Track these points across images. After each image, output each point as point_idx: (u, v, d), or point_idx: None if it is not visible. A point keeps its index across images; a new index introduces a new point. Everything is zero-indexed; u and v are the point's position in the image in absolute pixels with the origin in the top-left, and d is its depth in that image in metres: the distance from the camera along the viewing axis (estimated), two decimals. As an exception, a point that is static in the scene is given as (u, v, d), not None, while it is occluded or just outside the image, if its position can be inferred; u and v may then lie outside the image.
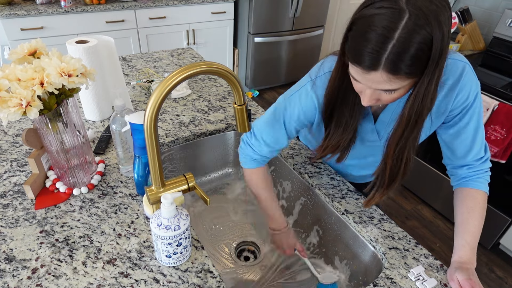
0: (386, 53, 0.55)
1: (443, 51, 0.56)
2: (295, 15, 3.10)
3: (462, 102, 0.75)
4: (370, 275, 0.87)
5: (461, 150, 0.82)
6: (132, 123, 0.77)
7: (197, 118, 1.24)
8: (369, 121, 0.82)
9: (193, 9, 2.82)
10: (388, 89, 0.61)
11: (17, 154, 1.01)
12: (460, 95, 0.74)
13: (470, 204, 0.81)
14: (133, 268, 0.73)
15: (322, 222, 1.01)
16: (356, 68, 0.60)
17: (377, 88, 0.62)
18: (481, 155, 0.82)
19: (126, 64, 1.61)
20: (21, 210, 0.83)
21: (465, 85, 0.73)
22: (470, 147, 0.80)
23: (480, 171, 0.82)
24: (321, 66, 0.81)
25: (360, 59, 0.58)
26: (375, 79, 0.59)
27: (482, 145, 0.81)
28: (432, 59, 0.56)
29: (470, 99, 0.75)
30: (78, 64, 0.73)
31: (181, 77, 0.59)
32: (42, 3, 2.41)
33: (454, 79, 0.73)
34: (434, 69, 0.58)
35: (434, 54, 0.55)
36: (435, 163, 2.11)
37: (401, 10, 0.54)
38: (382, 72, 0.57)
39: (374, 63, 0.56)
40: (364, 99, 0.66)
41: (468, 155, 0.81)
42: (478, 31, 2.20)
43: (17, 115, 0.66)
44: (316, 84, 0.81)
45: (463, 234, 0.79)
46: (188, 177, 0.73)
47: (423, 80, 0.59)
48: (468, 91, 0.74)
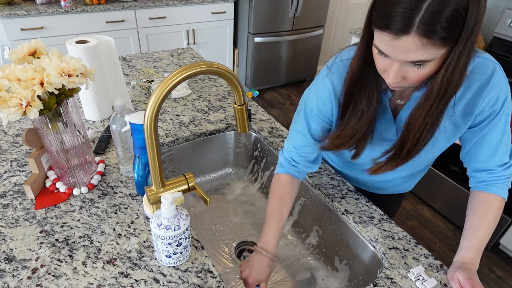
0: (420, 12, 0.50)
1: (478, 19, 0.52)
2: (295, 15, 3.10)
3: (491, 105, 0.71)
4: (370, 275, 0.87)
5: (484, 155, 0.78)
6: (132, 123, 0.77)
7: (197, 118, 1.24)
8: (387, 118, 0.78)
9: (193, 9, 2.82)
10: (419, 59, 0.55)
11: (17, 154, 1.01)
12: (488, 98, 0.70)
13: (485, 209, 0.77)
14: (133, 268, 0.73)
15: (322, 222, 1.01)
16: (384, 35, 0.55)
17: (406, 60, 0.57)
18: (505, 161, 0.77)
19: (126, 64, 1.62)
20: (21, 210, 0.83)
21: (495, 88, 0.69)
22: (494, 153, 0.76)
23: (501, 177, 0.78)
24: (338, 55, 0.78)
25: (391, 22, 0.53)
26: (406, 46, 0.54)
27: (507, 150, 0.77)
28: (466, 27, 0.52)
29: (498, 104, 0.71)
30: (78, 64, 0.73)
31: (181, 77, 0.58)
32: (42, 3, 2.41)
33: (484, 79, 0.69)
34: (468, 38, 0.53)
35: (468, 22, 0.51)
36: (435, 163, 2.11)
37: None
38: (415, 36, 0.52)
39: (407, 24, 0.52)
40: (389, 76, 0.61)
41: (491, 160, 0.77)
42: (478, 31, 2.20)
43: (17, 115, 0.66)
44: (332, 71, 0.77)
45: (470, 237, 0.76)
46: (188, 177, 0.73)
47: (456, 49, 0.55)
48: (498, 94, 0.70)
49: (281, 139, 1.17)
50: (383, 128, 0.80)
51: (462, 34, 0.53)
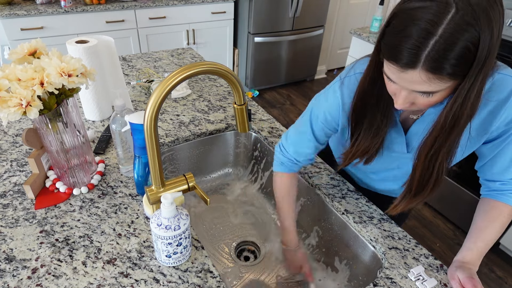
0: (427, 49, 0.50)
1: (490, 52, 0.51)
2: (295, 15, 3.10)
3: (508, 122, 0.69)
4: (370, 275, 0.87)
5: (498, 168, 0.76)
6: (132, 123, 0.77)
7: (197, 118, 1.24)
8: (397, 131, 0.77)
9: (193, 9, 2.82)
10: (426, 91, 0.56)
11: (17, 154, 1.01)
12: (506, 114, 0.68)
13: (493, 215, 0.77)
14: (133, 268, 0.73)
15: (322, 222, 1.01)
16: (392, 66, 0.56)
17: (414, 90, 0.57)
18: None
19: (126, 64, 1.62)
20: (21, 210, 0.83)
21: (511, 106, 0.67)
22: (509, 167, 0.75)
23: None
24: (352, 67, 0.78)
25: (398, 56, 0.53)
26: (412, 78, 0.54)
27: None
28: (477, 61, 0.51)
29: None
30: (78, 64, 0.73)
31: (181, 77, 0.58)
32: (42, 3, 2.41)
33: (503, 96, 0.67)
34: (479, 72, 0.52)
35: (480, 56, 0.50)
36: (435, 163, 2.11)
37: (447, 3, 0.49)
38: (421, 71, 0.52)
39: (413, 60, 0.52)
40: (397, 101, 0.61)
41: (506, 173, 0.76)
42: (478, 31, 2.20)
43: (17, 115, 0.66)
44: (344, 83, 0.77)
45: (475, 239, 0.76)
46: (188, 177, 0.73)
47: (465, 83, 0.54)
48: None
49: (281, 139, 1.17)
50: (391, 141, 0.80)
51: (472, 69, 0.52)
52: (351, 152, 0.81)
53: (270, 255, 1.06)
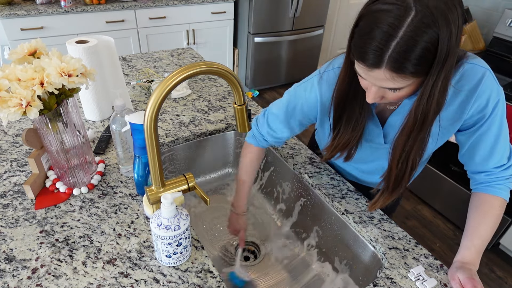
0: (389, 51, 0.54)
1: (450, 51, 0.54)
2: (295, 15, 3.10)
3: (480, 109, 0.72)
4: (370, 275, 0.87)
5: (480, 157, 0.78)
6: (132, 123, 0.77)
7: (197, 118, 1.24)
8: (374, 123, 0.81)
9: (193, 9, 2.82)
10: (392, 87, 0.60)
11: (17, 154, 1.01)
12: (478, 102, 0.71)
13: (485, 209, 0.78)
14: (133, 268, 0.73)
15: (322, 222, 1.01)
16: (361, 66, 0.60)
17: (381, 86, 0.61)
18: (503, 162, 0.78)
19: (126, 64, 1.62)
20: (21, 210, 0.83)
21: (484, 92, 0.70)
22: (490, 155, 0.77)
23: (500, 178, 0.79)
24: (331, 62, 0.81)
25: (364, 57, 0.57)
26: (378, 76, 0.58)
27: (504, 152, 0.77)
28: (437, 60, 0.55)
29: (489, 107, 0.71)
30: (78, 64, 0.73)
31: (181, 77, 0.58)
32: (42, 3, 2.41)
33: (472, 85, 0.70)
34: (440, 70, 0.56)
35: (440, 55, 0.54)
36: (435, 163, 2.11)
37: (407, 7, 0.53)
38: (385, 70, 0.56)
39: (377, 60, 0.56)
40: (368, 96, 0.66)
41: (488, 163, 0.78)
42: (478, 31, 2.20)
43: (17, 115, 0.66)
44: (322, 78, 0.81)
45: (471, 237, 0.77)
46: (188, 177, 0.73)
47: (428, 81, 0.58)
48: (487, 98, 0.70)
49: (281, 139, 1.17)
50: (370, 133, 0.83)
51: (433, 67, 0.56)
52: (332, 146, 0.85)
53: (270, 255, 1.06)
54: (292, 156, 1.09)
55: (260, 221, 1.16)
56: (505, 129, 0.75)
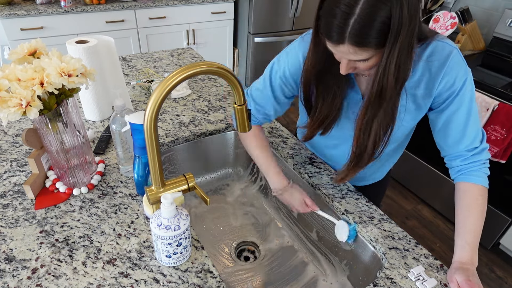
0: (348, 28, 0.59)
1: (402, 24, 0.59)
2: (295, 15, 3.10)
3: (449, 87, 0.75)
4: (370, 275, 0.87)
5: (452, 138, 0.81)
6: (132, 123, 0.77)
7: (197, 118, 1.24)
8: (355, 91, 0.83)
9: (193, 9, 2.82)
10: (358, 59, 0.65)
11: (17, 154, 1.01)
12: (446, 79, 0.74)
13: (468, 201, 0.79)
14: (133, 268, 0.73)
15: (322, 222, 1.00)
16: (328, 43, 0.65)
17: (349, 59, 0.66)
18: (475, 145, 0.80)
19: (126, 64, 1.62)
20: (21, 210, 0.83)
21: (451, 70, 0.73)
22: (462, 135, 0.79)
23: (475, 163, 0.80)
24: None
25: (329, 34, 0.63)
26: (344, 51, 0.64)
27: (476, 134, 0.79)
28: (391, 33, 0.59)
29: (457, 85, 0.74)
30: (78, 64, 0.73)
31: (181, 77, 0.58)
32: (42, 3, 2.41)
33: (441, 60, 0.73)
34: (395, 41, 0.60)
35: (392, 28, 0.59)
36: (435, 163, 2.11)
37: None
38: (348, 45, 0.62)
39: (340, 37, 0.61)
40: (341, 68, 0.70)
41: (460, 144, 0.80)
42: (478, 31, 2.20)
43: (17, 115, 0.66)
44: (304, 40, 0.83)
45: (463, 234, 0.77)
46: (188, 177, 0.73)
47: (384, 52, 0.62)
48: (455, 76, 0.74)
49: (281, 139, 1.17)
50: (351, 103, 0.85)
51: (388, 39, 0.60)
52: (312, 121, 0.87)
53: (270, 255, 1.06)
54: (292, 156, 1.09)
55: (260, 221, 1.16)
56: (474, 111, 0.78)
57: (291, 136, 1.19)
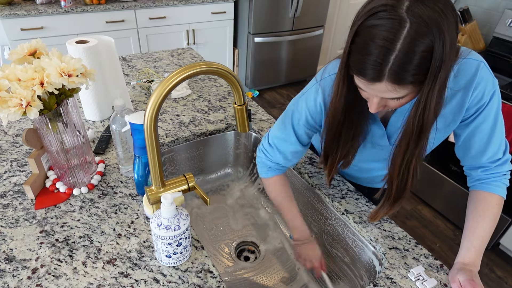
0: (389, 64, 0.55)
1: (444, 58, 0.55)
2: (295, 15, 3.10)
3: (477, 101, 0.72)
4: (370, 275, 0.87)
5: (475, 150, 0.78)
6: (132, 123, 0.77)
7: (197, 118, 1.24)
8: (378, 126, 0.80)
9: (193, 9, 2.82)
10: (394, 97, 0.61)
11: (17, 154, 1.01)
12: (475, 94, 0.72)
13: (482, 207, 0.77)
14: (133, 268, 0.73)
15: (322, 222, 1.01)
16: (361, 80, 0.61)
17: (383, 97, 0.62)
18: (498, 157, 0.78)
19: (126, 64, 1.62)
20: (21, 210, 0.83)
21: (480, 83, 0.71)
22: (485, 148, 0.77)
23: (496, 174, 0.78)
24: (325, 69, 0.81)
25: (364, 72, 0.58)
26: (380, 89, 0.59)
27: (500, 146, 0.77)
28: (432, 68, 0.55)
29: (485, 98, 0.72)
30: (78, 64, 0.73)
31: (181, 77, 0.59)
32: (42, 3, 2.41)
33: (468, 79, 0.71)
34: (435, 77, 0.57)
35: (434, 63, 0.55)
36: (435, 163, 2.11)
37: (401, 19, 0.53)
38: (386, 83, 0.57)
39: (378, 75, 0.57)
40: (371, 107, 0.66)
41: (483, 156, 0.78)
42: (478, 31, 2.20)
43: (17, 115, 0.66)
44: (321, 85, 0.80)
45: (470, 237, 0.76)
46: (188, 177, 0.73)
47: (423, 89, 0.58)
48: (483, 89, 0.71)
49: (281, 139, 1.17)
50: (374, 136, 0.83)
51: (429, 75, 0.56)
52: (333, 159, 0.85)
53: (270, 255, 1.06)
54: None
55: (260, 221, 1.16)
56: (500, 122, 0.76)
57: None
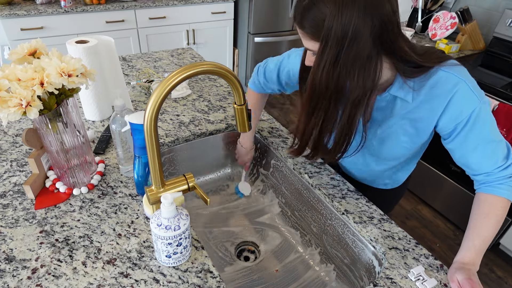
0: (299, 9, 0.67)
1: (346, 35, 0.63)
2: (295, 15, 3.10)
3: (454, 118, 0.74)
4: (370, 275, 0.87)
5: (474, 165, 0.79)
6: (132, 123, 0.77)
7: (197, 118, 1.24)
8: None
9: (193, 9, 2.82)
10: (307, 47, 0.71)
11: (17, 154, 1.01)
12: (450, 112, 0.74)
13: (486, 209, 0.77)
14: (133, 268, 0.73)
15: (322, 222, 1.01)
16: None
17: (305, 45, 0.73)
18: (500, 164, 0.77)
19: (126, 64, 1.61)
20: (21, 210, 0.83)
21: (456, 103, 0.73)
22: (482, 161, 0.78)
23: (501, 178, 0.78)
24: None
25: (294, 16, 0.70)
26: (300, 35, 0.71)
27: (499, 155, 0.77)
28: (324, 30, 0.64)
29: (464, 116, 0.73)
30: (78, 64, 0.73)
31: (181, 77, 0.58)
32: (42, 3, 2.41)
33: (443, 91, 0.73)
34: (326, 43, 0.65)
35: (327, 25, 0.63)
36: (435, 163, 2.11)
37: None
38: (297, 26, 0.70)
39: (294, 15, 0.69)
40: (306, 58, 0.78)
41: (483, 167, 0.78)
42: (478, 31, 2.20)
43: (17, 115, 0.66)
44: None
45: (472, 236, 0.76)
46: (188, 177, 0.73)
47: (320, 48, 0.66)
48: (460, 109, 0.73)
49: (281, 139, 1.17)
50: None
51: (322, 36, 0.65)
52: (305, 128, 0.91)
53: (270, 255, 1.06)
54: (292, 156, 1.09)
55: (260, 221, 1.16)
56: (492, 135, 0.75)
57: (291, 136, 1.19)
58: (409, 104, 0.78)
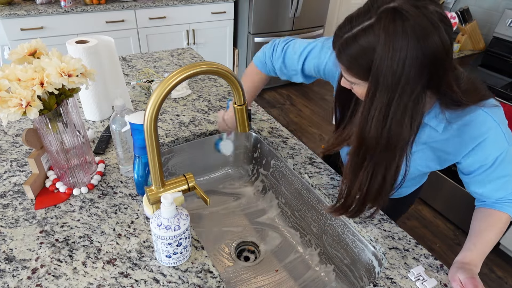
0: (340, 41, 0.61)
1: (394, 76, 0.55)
2: (295, 15, 3.10)
3: (480, 160, 0.73)
4: (370, 275, 0.87)
5: (485, 194, 0.79)
6: (132, 123, 0.77)
7: (197, 118, 1.24)
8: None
9: (193, 9, 2.82)
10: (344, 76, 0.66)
11: (17, 154, 1.01)
12: (478, 154, 0.72)
13: (492, 220, 0.78)
14: (133, 268, 0.73)
15: (322, 222, 1.01)
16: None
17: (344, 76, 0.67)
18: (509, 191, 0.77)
19: (126, 64, 1.61)
20: (21, 210, 0.83)
21: (485, 147, 0.71)
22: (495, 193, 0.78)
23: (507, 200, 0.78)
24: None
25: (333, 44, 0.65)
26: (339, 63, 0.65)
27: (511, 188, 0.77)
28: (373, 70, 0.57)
29: (490, 160, 0.72)
30: (78, 64, 0.73)
31: (181, 77, 0.58)
32: (42, 3, 2.41)
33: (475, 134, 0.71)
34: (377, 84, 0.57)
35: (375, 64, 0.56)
36: (435, 163, 2.11)
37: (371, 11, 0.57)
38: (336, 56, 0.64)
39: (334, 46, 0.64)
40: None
41: (493, 196, 0.79)
42: (478, 31, 2.20)
43: (17, 115, 0.66)
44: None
45: (474, 240, 0.76)
46: (188, 177, 0.73)
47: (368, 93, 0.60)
48: (489, 153, 0.72)
49: (281, 139, 1.17)
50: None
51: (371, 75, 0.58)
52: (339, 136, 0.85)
53: (270, 255, 1.06)
54: (292, 156, 1.09)
55: (260, 221, 1.16)
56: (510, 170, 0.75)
57: (291, 136, 1.19)
58: (437, 134, 0.75)
